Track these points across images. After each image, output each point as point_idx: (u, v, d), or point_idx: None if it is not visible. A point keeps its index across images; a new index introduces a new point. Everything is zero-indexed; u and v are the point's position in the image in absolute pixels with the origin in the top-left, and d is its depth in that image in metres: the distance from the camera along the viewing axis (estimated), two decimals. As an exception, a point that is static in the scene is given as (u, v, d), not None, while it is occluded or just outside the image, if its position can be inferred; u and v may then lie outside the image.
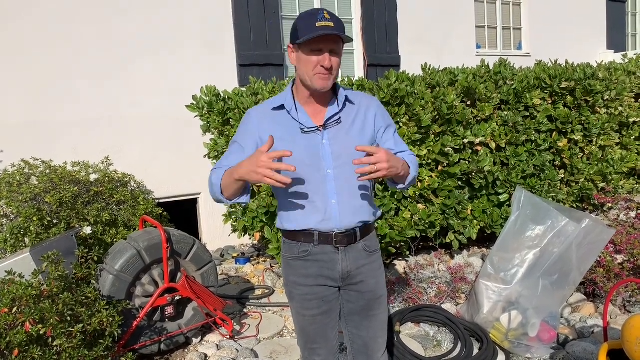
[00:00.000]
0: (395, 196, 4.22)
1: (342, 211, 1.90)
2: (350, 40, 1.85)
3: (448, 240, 4.52)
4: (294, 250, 1.98)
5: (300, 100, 1.92)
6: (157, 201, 5.23)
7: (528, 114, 4.79)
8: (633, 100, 5.63)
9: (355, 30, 6.94)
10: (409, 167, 1.96)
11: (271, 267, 4.93)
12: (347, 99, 1.95)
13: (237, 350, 3.28)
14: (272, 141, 1.70)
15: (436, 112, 4.23)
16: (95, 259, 3.13)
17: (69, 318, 2.46)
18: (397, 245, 4.45)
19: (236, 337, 3.49)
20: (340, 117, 1.92)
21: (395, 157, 1.82)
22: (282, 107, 1.92)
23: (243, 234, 4.44)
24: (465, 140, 4.32)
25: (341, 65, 1.93)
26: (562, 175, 5.00)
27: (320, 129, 1.89)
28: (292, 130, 1.89)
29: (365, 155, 1.75)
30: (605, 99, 5.20)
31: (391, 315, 3.45)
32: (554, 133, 4.91)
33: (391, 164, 1.75)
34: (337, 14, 6.96)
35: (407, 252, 4.64)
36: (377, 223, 4.16)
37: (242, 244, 6.00)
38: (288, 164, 1.65)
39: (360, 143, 1.92)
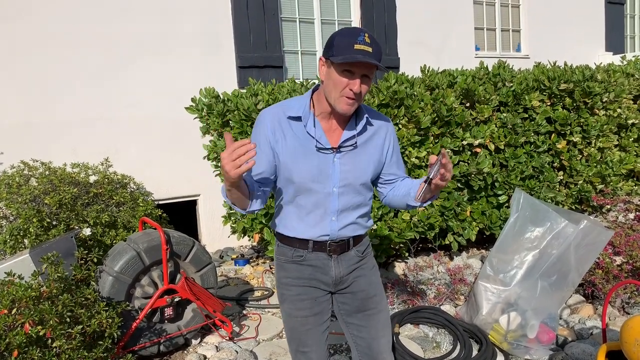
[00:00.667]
0: (395, 198, 4.22)
1: (340, 227, 1.94)
2: (386, 70, 1.79)
3: (447, 242, 4.52)
4: (287, 254, 1.99)
5: (319, 114, 1.88)
6: (156, 203, 5.23)
7: (527, 115, 4.80)
8: (632, 102, 5.64)
9: (354, 32, 6.94)
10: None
11: (270, 268, 4.93)
12: (367, 122, 1.93)
13: (237, 352, 3.28)
14: (230, 139, 1.61)
15: (435, 114, 4.24)
16: (95, 260, 3.13)
17: (68, 319, 2.46)
18: (396, 247, 4.45)
19: (235, 338, 3.49)
20: (356, 142, 1.90)
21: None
22: (298, 118, 1.87)
23: (242, 235, 4.44)
24: (464, 142, 4.33)
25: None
26: (561, 177, 5.00)
27: (334, 150, 1.88)
28: (305, 143, 1.86)
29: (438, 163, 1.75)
30: (604, 100, 5.21)
31: (390, 317, 3.45)
32: (553, 135, 4.92)
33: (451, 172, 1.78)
34: (335, 16, 6.99)
35: (406, 254, 4.65)
36: (377, 224, 4.17)
37: (242, 246, 6.01)
38: (246, 143, 1.55)
39: (370, 167, 1.95)
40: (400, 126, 4.19)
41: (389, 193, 2.07)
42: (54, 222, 3.81)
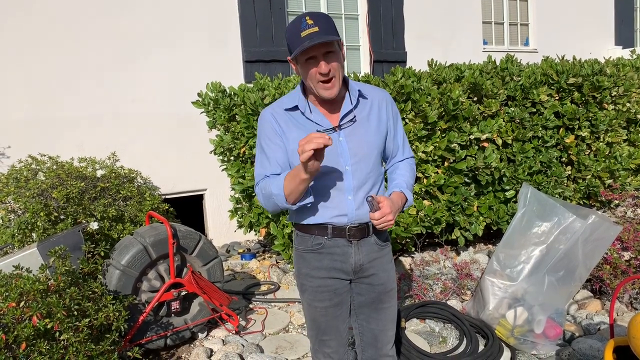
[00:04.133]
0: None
1: (358, 207, 1.92)
2: (339, 38, 1.80)
3: (454, 237, 4.51)
4: (307, 243, 1.99)
5: (313, 101, 1.92)
6: (163, 197, 5.24)
7: (535, 110, 4.76)
8: (641, 96, 5.59)
9: (361, 26, 6.92)
10: (406, 196, 1.98)
11: (277, 263, 4.94)
12: (360, 94, 1.95)
13: (243, 346, 3.29)
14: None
15: (442, 108, 4.22)
16: (102, 254, 3.16)
17: (75, 312, 2.47)
18: (403, 242, 4.44)
19: (242, 332, 3.50)
20: (355, 116, 1.92)
21: (395, 202, 1.88)
22: (295, 108, 1.91)
23: (249, 230, 4.45)
24: (472, 137, 4.31)
25: (346, 61, 1.91)
26: (569, 172, 4.97)
27: (337, 129, 1.89)
28: (308, 130, 1.87)
29: (375, 206, 1.79)
30: (612, 95, 5.16)
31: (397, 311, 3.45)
32: (561, 129, 4.88)
33: (394, 213, 1.83)
34: (342, 10, 6.95)
35: (413, 249, 4.64)
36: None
37: (248, 240, 6.02)
38: (323, 135, 1.63)
39: (376, 138, 1.95)
40: (407, 120, 4.17)
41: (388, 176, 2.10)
42: (62, 216, 3.83)
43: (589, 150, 5.12)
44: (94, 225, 3.57)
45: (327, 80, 1.79)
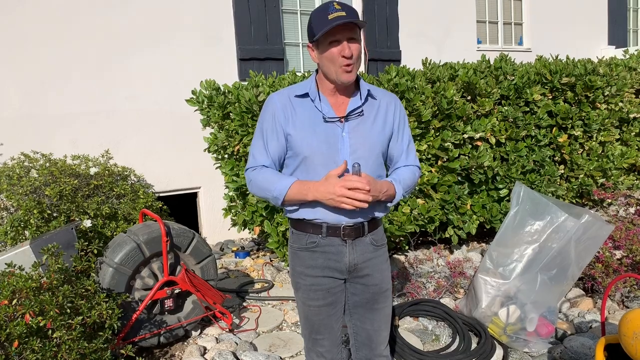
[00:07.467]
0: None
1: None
2: (365, 24, 1.85)
3: (447, 235, 4.53)
4: (301, 241, 1.99)
5: (324, 92, 1.93)
6: (157, 195, 5.23)
7: (528, 109, 4.78)
8: (633, 96, 5.62)
9: (355, 24, 6.92)
10: (395, 189, 1.95)
11: (270, 261, 4.94)
12: (369, 93, 1.97)
13: (236, 343, 3.29)
14: (345, 166, 1.78)
15: (436, 107, 4.23)
16: (95, 252, 3.14)
17: (68, 310, 2.46)
18: (397, 240, 4.46)
19: (235, 330, 3.50)
20: (362, 111, 1.93)
21: (378, 185, 1.86)
22: (305, 95, 1.93)
23: (243, 228, 4.45)
24: (465, 136, 4.32)
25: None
26: (562, 171, 5.00)
27: (342, 120, 1.90)
28: (313, 119, 1.90)
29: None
30: (605, 94, 5.19)
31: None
32: (554, 128, 4.91)
33: (372, 193, 1.81)
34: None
35: (406, 247, 4.65)
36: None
37: (242, 238, 6.02)
38: (363, 184, 1.75)
39: (380, 139, 1.95)
40: (401, 119, 4.18)
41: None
42: (55, 214, 3.81)
43: (582, 150, 5.15)
44: (87, 223, 3.55)
45: (349, 64, 1.81)
